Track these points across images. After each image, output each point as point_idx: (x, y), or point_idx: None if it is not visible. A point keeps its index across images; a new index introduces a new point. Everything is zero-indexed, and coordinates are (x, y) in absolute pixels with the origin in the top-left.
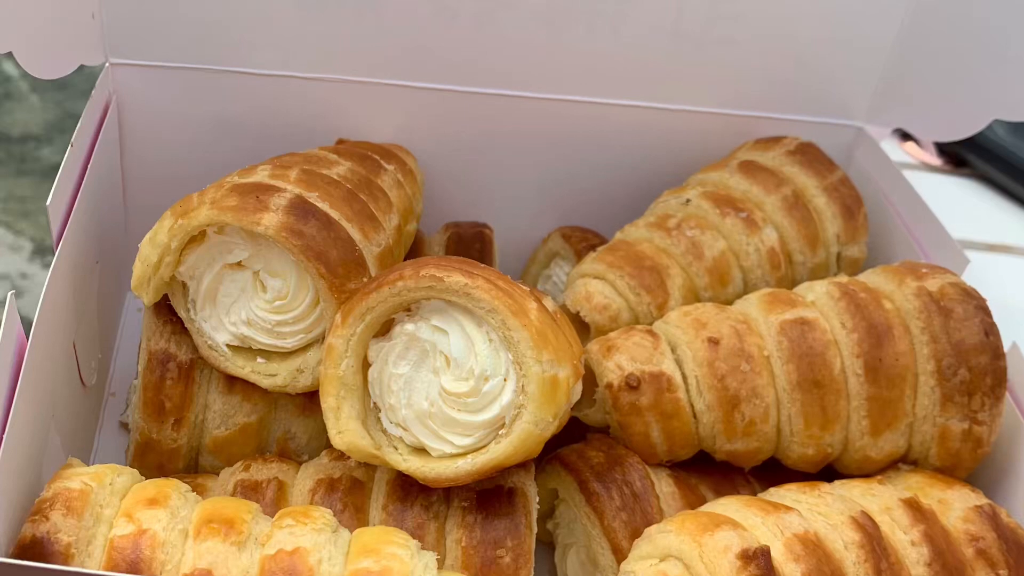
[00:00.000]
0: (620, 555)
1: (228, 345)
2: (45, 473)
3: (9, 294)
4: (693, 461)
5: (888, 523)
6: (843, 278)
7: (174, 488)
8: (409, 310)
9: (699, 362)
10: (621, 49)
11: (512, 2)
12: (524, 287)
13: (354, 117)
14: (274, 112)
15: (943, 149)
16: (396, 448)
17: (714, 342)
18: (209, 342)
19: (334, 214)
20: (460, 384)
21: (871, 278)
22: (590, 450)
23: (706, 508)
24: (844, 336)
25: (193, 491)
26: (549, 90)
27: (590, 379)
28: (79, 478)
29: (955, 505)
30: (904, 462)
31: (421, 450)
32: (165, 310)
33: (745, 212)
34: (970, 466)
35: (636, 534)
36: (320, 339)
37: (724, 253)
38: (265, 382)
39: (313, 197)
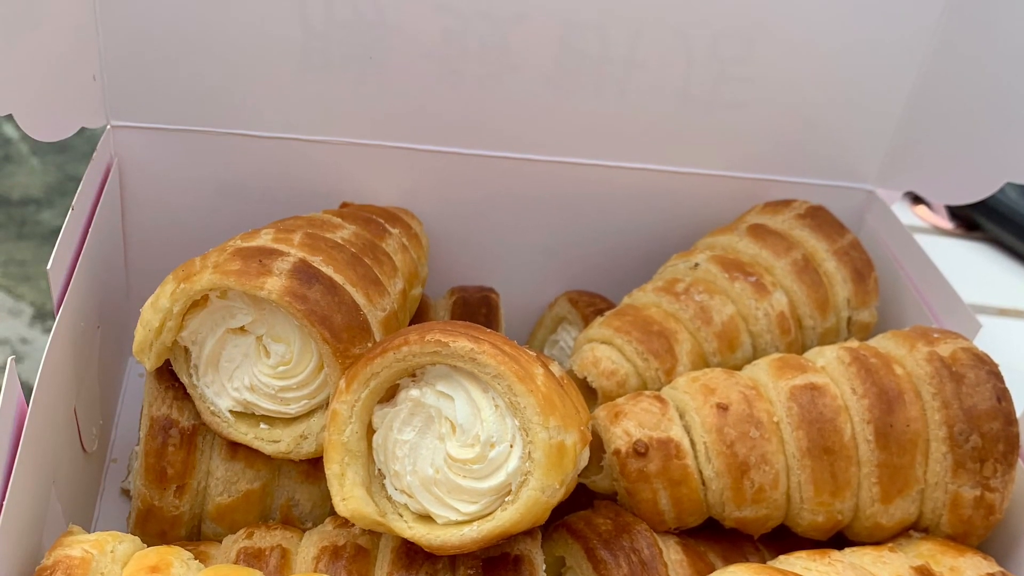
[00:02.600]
0: None
1: (231, 411)
2: (46, 540)
3: (9, 359)
4: (701, 528)
5: None
6: (853, 343)
7: (176, 556)
8: (414, 375)
9: (708, 428)
10: (629, 112)
11: (518, 64)
12: (530, 352)
13: (358, 180)
14: (277, 175)
15: (955, 212)
16: (401, 515)
17: (723, 408)
18: (212, 408)
19: (338, 278)
20: (466, 450)
21: (882, 343)
22: (597, 517)
23: None
24: (855, 402)
25: (195, 559)
26: (556, 153)
27: (597, 445)
28: (80, 545)
29: (967, 573)
30: (915, 529)
31: (426, 517)
32: (167, 375)
33: (754, 276)
34: (982, 533)
35: None
36: (324, 405)
37: (733, 318)
38: (268, 448)
39: (317, 261)
